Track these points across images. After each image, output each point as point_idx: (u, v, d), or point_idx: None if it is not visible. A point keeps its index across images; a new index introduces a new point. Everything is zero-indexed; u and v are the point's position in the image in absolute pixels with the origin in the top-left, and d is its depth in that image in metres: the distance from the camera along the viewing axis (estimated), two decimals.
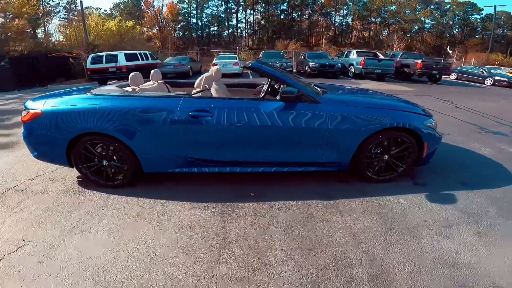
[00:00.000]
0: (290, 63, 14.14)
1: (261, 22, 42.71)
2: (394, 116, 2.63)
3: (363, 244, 1.98)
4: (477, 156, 3.65)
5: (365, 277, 1.69)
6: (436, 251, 1.88)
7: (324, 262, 1.83)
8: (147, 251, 1.98)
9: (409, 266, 1.76)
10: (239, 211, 2.46)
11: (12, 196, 2.73)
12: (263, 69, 2.74)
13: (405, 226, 2.15)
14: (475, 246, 1.92)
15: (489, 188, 2.71)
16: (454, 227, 2.12)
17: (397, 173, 2.81)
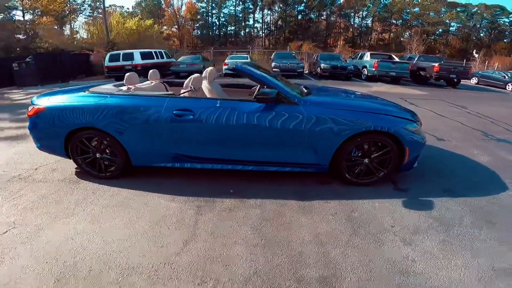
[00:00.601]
0: (301, 64, 14.05)
1: (278, 22, 42.66)
2: (374, 119, 2.60)
3: (324, 245, 2.00)
4: (472, 163, 3.52)
5: (315, 278, 1.71)
6: (393, 258, 1.85)
7: (281, 260, 1.87)
8: (119, 237, 2.11)
9: (360, 271, 1.75)
10: (215, 206, 2.55)
11: (15, 183, 2.97)
12: (246, 71, 2.80)
13: (371, 231, 2.14)
14: (434, 256, 1.87)
15: (473, 196, 2.63)
16: (421, 234, 2.08)
17: (378, 177, 2.79)
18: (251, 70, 2.82)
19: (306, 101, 2.68)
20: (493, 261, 1.84)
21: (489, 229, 2.14)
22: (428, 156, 3.69)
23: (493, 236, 2.07)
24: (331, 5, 42.51)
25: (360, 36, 46.27)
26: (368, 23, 45.90)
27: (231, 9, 41.54)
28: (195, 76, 3.22)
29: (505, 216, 2.32)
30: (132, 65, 12.85)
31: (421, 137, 2.75)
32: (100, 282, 1.70)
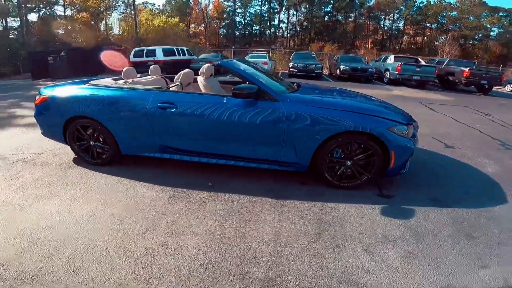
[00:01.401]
0: (320, 65, 13.73)
1: (304, 23, 42.12)
2: (355, 119, 2.46)
3: (281, 246, 1.92)
4: (475, 173, 3.22)
5: (260, 277, 1.65)
6: (348, 266, 1.73)
7: (233, 255, 1.84)
8: (88, 219, 2.20)
9: (308, 276, 1.66)
10: (189, 197, 2.57)
11: (17, 166, 3.21)
12: (230, 67, 2.79)
13: (336, 236, 2.02)
14: (392, 268, 1.72)
15: (463, 207, 2.40)
16: (387, 244, 1.93)
17: (361, 181, 2.64)
18: (234, 66, 2.80)
19: (286, 98, 2.62)
20: (454, 279, 1.65)
21: (466, 243, 1.93)
22: (427, 162, 3.47)
23: (467, 251, 1.87)
24: (360, 7, 41.18)
25: (390, 39, 44.40)
26: (399, 26, 43.91)
27: (257, 9, 41.75)
28: (184, 72, 3.27)
29: (490, 231, 2.09)
30: (154, 61, 13.32)
31: (410, 141, 2.56)
32: (54, 258, 1.78)
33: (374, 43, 43.30)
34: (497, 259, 1.80)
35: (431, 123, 5.54)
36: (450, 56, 20.99)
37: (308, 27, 41.90)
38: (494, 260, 1.78)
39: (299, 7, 41.29)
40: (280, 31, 44.00)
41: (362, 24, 42.91)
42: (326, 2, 40.42)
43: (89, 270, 1.69)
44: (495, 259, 1.80)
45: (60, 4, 26.03)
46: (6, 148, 3.75)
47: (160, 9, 37.89)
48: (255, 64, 3.61)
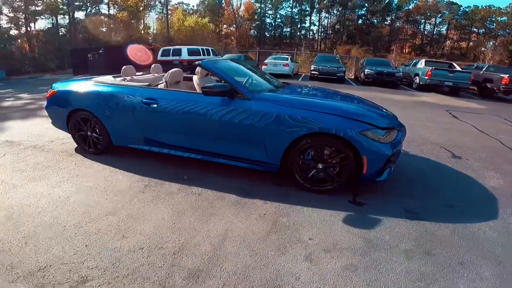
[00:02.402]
0: (343, 69, 13.26)
1: (336, 26, 41.05)
2: (326, 120, 2.36)
3: (225, 242, 1.92)
4: (474, 186, 2.90)
5: (188, 267, 1.67)
6: (279, 271, 1.65)
7: (174, 244, 1.87)
8: (62, 200, 2.39)
9: (236, 274, 1.61)
10: (161, 188, 2.67)
11: (27, 151, 3.55)
12: (208, 67, 2.83)
13: (284, 239, 1.95)
14: (324, 279, 1.59)
15: (438, 222, 2.17)
16: (333, 253, 1.81)
17: (332, 186, 2.53)
18: (211, 65, 2.83)
19: (258, 97, 2.60)
20: None
21: (419, 260, 1.75)
22: (423, 172, 3.22)
23: (415, 269, 1.68)
24: (397, 10, 39.11)
25: (430, 44, 41.60)
26: (442, 30, 40.96)
27: (288, 11, 41.50)
28: (172, 71, 3.38)
29: (456, 250, 1.87)
30: (179, 60, 13.89)
31: (387, 146, 2.38)
32: (16, 232, 1.95)
33: (412, 47, 40.94)
34: (444, 282, 1.60)
35: (448, 131, 5.12)
36: (494, 62, 19.09)
37: (340, 30, 40.75)
38: (439, 283, 1.59)
39: (331, 10, 40.34)
40: (311, 34, 43.37)
41: (399, 28, 40.71)
42: (360, 5, 39.02)
43: (39, 244, 1.83)
44: (441, 281, 1.60)
45: (105, 3, 28.17)
46: (24, 135, 4.18)
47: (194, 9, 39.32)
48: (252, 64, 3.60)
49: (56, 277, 1.54)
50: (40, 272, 1.57)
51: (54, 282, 1.51)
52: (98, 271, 1.60)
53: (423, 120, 6.01)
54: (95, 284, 1.51)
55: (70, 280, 1.52)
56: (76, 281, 1.51)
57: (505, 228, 2.14)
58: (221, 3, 38.60)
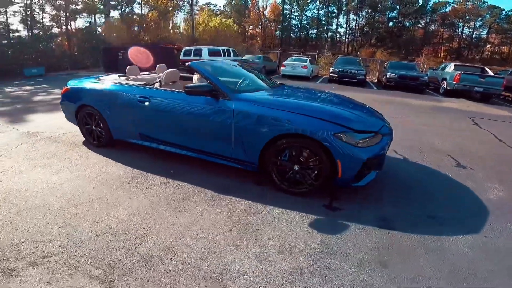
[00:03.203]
0: (363, 71, 12.77)
1: (364, 28, 39.69)
2: (302, 121, 2.33)
3: (186, 233, 1.99)
4: (468, 197, 2.70)
5: (143, 253, 1.77)
6: (227, 266, 1.68)
7: (137, 231, 1.99)
8: (56, 186, 2.63)
9: (185, 265, 1.68)
10: (145, 180, 2.82)
11: (42, 141, 3.90)
12: (196, 68, 2.91)
13: (244, 236, 1.98)
14: (268, 279, 1.58)
15: (409, 233, 2.05)
16: (286, 255, 1.80)
17: (308, 188, 2.49)
18: (199, 66, 2.91)
19: (237, 97, 2.64)
20: None
21: (371, 272, 1.67)
22: (416, 180, 3.05)
23: (360, 280, 1.60)
24: (432, 13, 36.96)
25: (468, 48, 38.82)
26: (482, 34, 38.05)
27: (314, 12, 40.82)
28: (169, 71, 3.52)
29: (415, 262, 1.76)
30: (200, 60, 14.28)
31: (364, 151, 2.30)
32: (5, 212, 2.20)
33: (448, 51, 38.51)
34: None
35: (462, 139, 4.78)
36: None
37: (369, 32, 39.36)
38: None
39: (359, 12, 39.08)
40: (338, 36, 42.33)
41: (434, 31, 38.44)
42: (391, 8, 37.40)
43: (20, 223, 2.03)
44: None
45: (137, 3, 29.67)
46: (44, 127, 4.58)
47: (221, 10, 40.04)
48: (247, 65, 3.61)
49: (22, 252, 1.72)
50: (11, 248, 1.75)
51: (18, 256, 1.68)
52: (60, 250, 1.75)
53: (438, 126, 5.67)
54: (52, 260, 1.66)
55: (32, 256, 1.68)
56: (37, 257, 1.67)
57: (482, 244, 1.98)
58: (247, 4, 38.98)
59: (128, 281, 1.55)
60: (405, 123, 5.75)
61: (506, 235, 2.11)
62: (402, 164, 3.51)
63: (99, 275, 1.57)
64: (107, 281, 1.53)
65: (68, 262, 1.65)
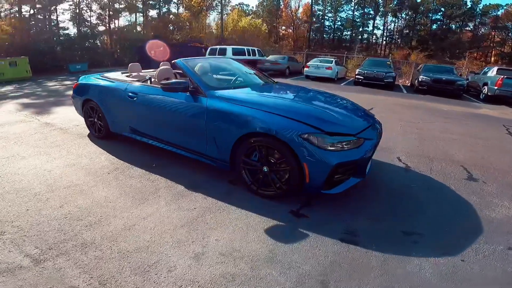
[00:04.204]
0: (392, 74, 11.94)
1: (404, 30, 37.26)
2: (270, 120, 2.21)
3: (136, 224, 2.01)
4: (464, 213, 2.33)
5: (87, 239, 1.82)
6: (158, 260, 1.67)
7: (93, 217, 2.07)
8: (46, 172, 2.83)
9: (121, 255, 1.69)
10: (126, 172, 2.92)
11: (54, 132, 4.23)
12: (180, 65, 2.92)
13: (191, 234, 1.93)
14: (196, 279, 1.53)
15: (376, 250, 1.83)
16: (225, 257, 1.72)
17: (276, 191, 2.37)
18: (182, 64, 2.91)
19: (212, 94, 2.61)
20: None
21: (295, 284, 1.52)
22: (410, 192, 2.74)
23: None
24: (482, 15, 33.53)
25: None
26: None
27: (349, 14, 39.20)
28: (161, 68, 3.59)
29: (359, 284, 1.56)
30: None
31: (334, 155, 2.11)
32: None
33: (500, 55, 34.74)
34: None
35: (486, 149, 4.24)
36: None
37: (409, 34, 36.89)
38: None
39: (399, 14, 36.74)
40: (374, 38, 40.25)
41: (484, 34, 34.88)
42: (434, 10, 34.65)
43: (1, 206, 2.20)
44: None
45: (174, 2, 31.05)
46: (62, 119, 4.97)
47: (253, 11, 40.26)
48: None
49: None
50: None
51: None
52: (16, 229, 1.87)
53: (463, 134, 5.08)
54: (4, 238, 1.79)
55: None
56: None
57: (452, 269, 1.70)
58: (279, 4, 38.71)
59: (57, 262, 1.61)
60: (425, 129, 5.25)
61: (490, 260, 1.80)
62: (401, 174, 3.20)
63: (35, 254, 1.65)
64: (38, 260, 1.61)
65: (15, 241, 1.75)
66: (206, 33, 23.18)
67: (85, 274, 1.53)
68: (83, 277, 1.51)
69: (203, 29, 26.47)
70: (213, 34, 22.63)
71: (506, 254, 1.87)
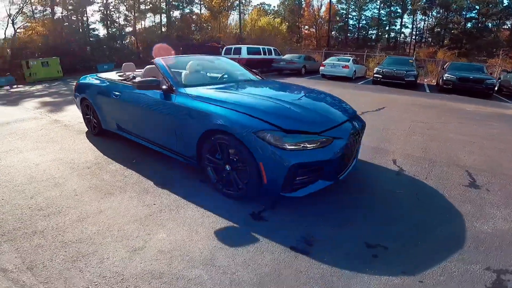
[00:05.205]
0: (413, 73, 11.17)
1: (435, 29, 34.99)
2: (229, 117, 2.13)
3: (89, 217, 2.06)
4: (452, 225, 2.04)
5: (38, 227, 1.89)
6: (93, 252, 1.69)
7: (52, 209, 2.13)
8: (33, 166, 3.00)
9: (69, 246, 1.72)
10: (105, 167, 3.01)
11: (57, 128, 4.48)
12: (156, 63, 2.94)
13: (138, 230, 1.92)
14: (123, 273, 1.52)
15: (324, 263, 1.68)
16: (162, 255, 1.68)
17: (237, 192, 2.29)
18: (158, 63, 2.92)
19: (180, 91, 2.59)
20: None
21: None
22: (393, 198, 2.51)
23: None
24: None
25: None
26: None
27: (374, 12, 37.46)
28: (147, 67, 3.62)
29: None
30: (238, 59, 14.52)
31: (291, 154, 1.96)
32: None
33: None
34: None
35: (502, 153, 3.83)
36: None
37: (440, 33, 34.57)
38: None
39: (429, 12, 34.53)
40: (402, 37, 38.17)
41: None
42: (468, 8, 32.16)
43: None
44: None
45: (196, 3, 31.65)
46: (70, 117, 5.23)
47: (275, 10, 39.94)
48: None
49: None
50: None
51: None
52: None
53: (480, 136, 4.59)
54: None
55: None
56: None
57: None
58: (301, 4, 38.02)
59: (1, 247, 1.69)
60: (437, 130, 4.84)
61: (453, 283, 1.58)
62: (390, 178, 2.94)
63: None
64: None
65: None
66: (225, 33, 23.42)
67: (19, 259, 1.60)
68: (15, 262, 1.57)
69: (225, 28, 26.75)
70: (232, 34, 22.77)
71: (479, 275, 1.63)
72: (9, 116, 5.39)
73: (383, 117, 5.69)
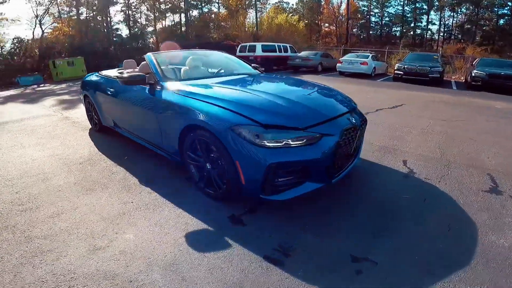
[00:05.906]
0: (438, 69, 10.37)
1: (465, 25, 32.80)
2: (207, 111, 1.98)
3: (64, 212, 2.02)
4: (461, 236, 1.76)
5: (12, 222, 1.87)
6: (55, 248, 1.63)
7: (31, 204, 2.11)
8: (30, 160, 3.06)
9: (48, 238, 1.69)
10: (97, 163, 3.00)
11: (65, 125, 4.58)
12: (146, 58, 2.85)
13: (107, 229, 1.85)
14: (85, 274, 1.44)
15: (296, 277, 1.49)
16: (122, 256, 1.57)
17: (217, 192, 2.15)
18: (148, 58, 2.84)
19: (164, 85, 2.49)
20: None
21: None
22: (396, 204, 2.21)
23: None
24: None
25: None
26: None
27: (398, 9, 35.67)
28: (143, 63, 3.56)
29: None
30: (254, 56, 14.37)
31: (270, 152, 1.77)
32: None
33: None
34: None
35: None
36: None
37: (471, 30, 32.36)
38: None
39: (457, 8, 32.40)
40: (429, 34, 36.07)
41: None
42: (500, 4, 29.87)
43: None
44: None
45: (214, 1, 31.85)
46: (79, 114, 5.29)
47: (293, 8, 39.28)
48: None
49: None
50: None
51: None
52: None
53: (508, 137, 4.11)
54: None
55: None
56: None
57: None
58: (320, 1, 37.03)
59: None
60: (459, 129, 4.37)
61: None
62: (397, 181, 2.63)
63: None
64: None
65: None
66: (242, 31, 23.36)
67: None
68: None
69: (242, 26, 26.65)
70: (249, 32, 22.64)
71: None
72: (26, 113, 5.62)
73: (399, 114, 5.27)
